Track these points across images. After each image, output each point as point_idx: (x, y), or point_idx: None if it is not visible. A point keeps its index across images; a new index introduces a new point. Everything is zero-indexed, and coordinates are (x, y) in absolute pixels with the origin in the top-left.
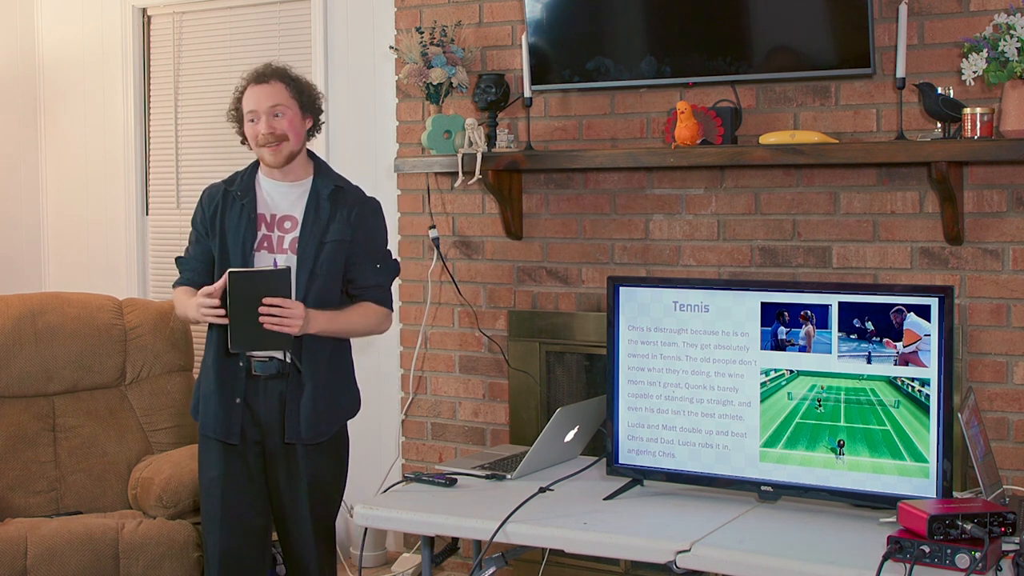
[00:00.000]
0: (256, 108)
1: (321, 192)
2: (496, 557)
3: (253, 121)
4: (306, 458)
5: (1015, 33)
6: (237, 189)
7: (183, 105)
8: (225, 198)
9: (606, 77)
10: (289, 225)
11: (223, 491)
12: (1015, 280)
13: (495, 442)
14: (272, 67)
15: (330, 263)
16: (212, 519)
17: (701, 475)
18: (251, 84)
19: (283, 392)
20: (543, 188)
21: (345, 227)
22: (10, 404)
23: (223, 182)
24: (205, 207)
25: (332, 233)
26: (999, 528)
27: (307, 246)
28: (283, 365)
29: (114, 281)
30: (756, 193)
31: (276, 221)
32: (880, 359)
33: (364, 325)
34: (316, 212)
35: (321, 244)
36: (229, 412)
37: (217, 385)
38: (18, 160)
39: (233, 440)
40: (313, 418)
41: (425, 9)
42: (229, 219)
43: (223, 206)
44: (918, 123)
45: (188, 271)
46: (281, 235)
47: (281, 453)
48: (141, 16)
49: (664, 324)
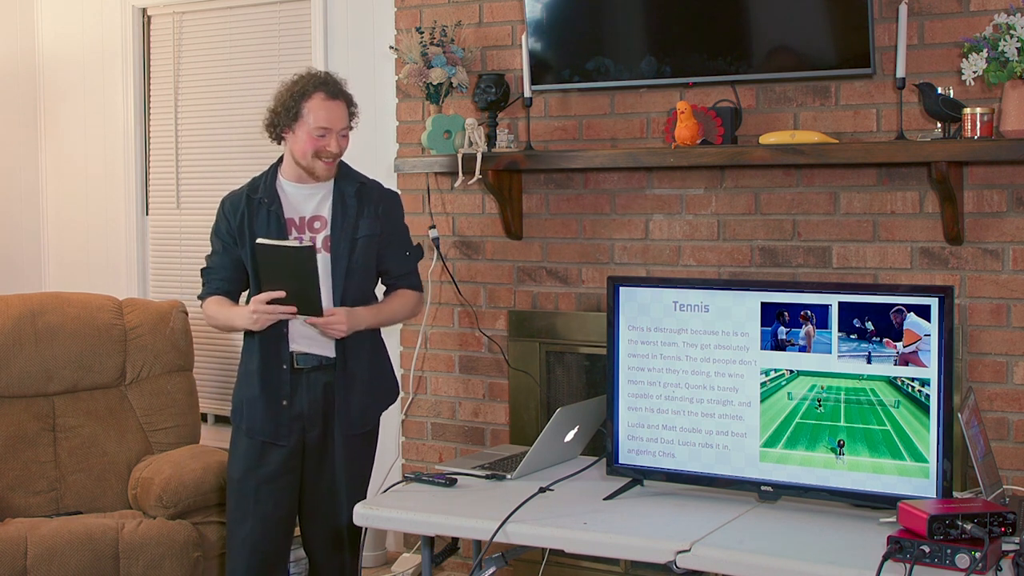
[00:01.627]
0: (331, 127)
1: (346, 191)
2: (496, 557)
3: (323, 136)
4: (344, 450)
5: (1015, 33)
6: (263, 195)
7: (183, 105)
8: (250, 204)
9: (606, 77)
10: (319, 225)
11: (256, 486)
12: (1015, 280)
13: (495, 442)
14: (339, 86)
15: (365, 258)
16: (244, 513)
17: (701, 475)
18: (325, 96)
19: (327, 384)
20: (543, 188)
21: (375, 222)
22: (10, 404)
23: (244, 189)
24: (230, 217)
25: (363, 229)
26: (999, 528)
27: (340, 243)
28: (323, 359)
29: (114, 281)
30: (756, 193)
31: (306, 223)
32: (880, 359)
33: (404, 312)
34: (344, 210)
35: (354, 240)
36: (278, 415)
37: (262, 390)
38: (18, 160)
39: (282, 442)
40: (361, 408)
41: (425, 9)
42: (258, 225)
43: (248, 213)
44: (918, 123)
45: (218, 280)
46: (312, 236)
47: (318, 445)
48: (141, 16)
49: (664, 324)
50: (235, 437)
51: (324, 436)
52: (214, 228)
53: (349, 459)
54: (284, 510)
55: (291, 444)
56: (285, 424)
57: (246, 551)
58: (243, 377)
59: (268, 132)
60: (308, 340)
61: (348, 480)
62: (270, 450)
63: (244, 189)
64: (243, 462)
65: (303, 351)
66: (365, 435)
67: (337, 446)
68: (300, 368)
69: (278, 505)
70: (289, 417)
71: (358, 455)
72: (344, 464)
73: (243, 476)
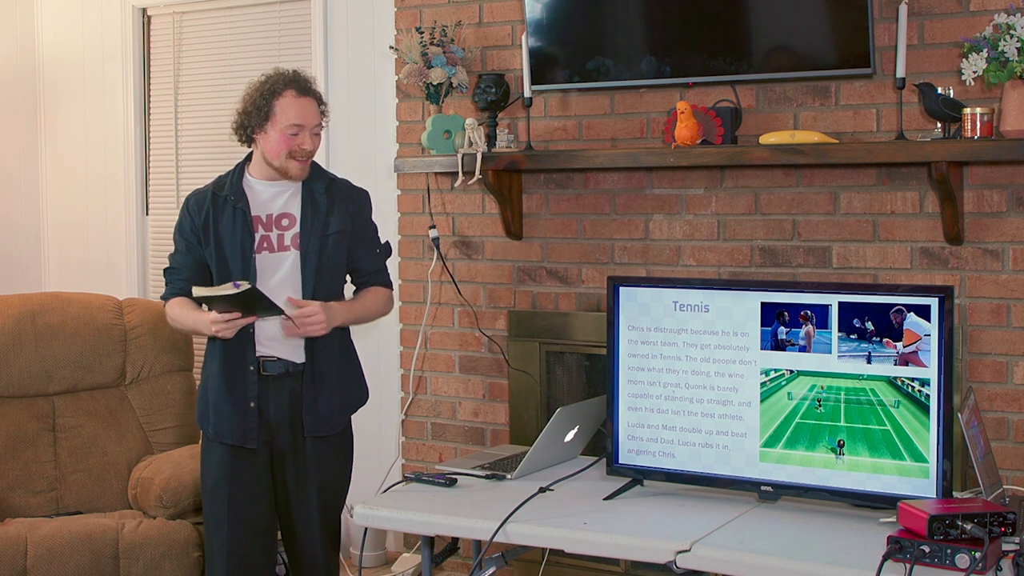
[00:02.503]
0: (303, 124)
1: (315, 188)
2: (496, 557)
3: (296, 135)
4: (315, 454)
5: (1015, 33)
6: (228, 193)
7: (183, 105)
8: (216, 202)
9: (606, 77)
10: (287, 223)
11: (230, 492)
12: (1015, 280)
13: (495, 442)
14: (308, 82)
15: (335, 255)
16: (219, 521)
17: (701, 475)
18: (296, 94)
19: (293, 389)
20: (543, 188)
21: (345, 218)
22: (10, 404)
23: (209, 187)
24: (194, 215)
25: (333, 225)
26: (999, 528)
27: (310, 240)
28: (290, 364)
29: (114, 281)
30: (756, 193)
31: (273, 220)
32: (880, 359)
33: (377, 309)
34: (314, 207)
35: (324, 237)
36: (244, 417)
37: (228, 392)
38: (18, 160)
39: (251, 444)
40: (328, 409)
41: (425, 9)
42: (223, 224)
43: (213, 211)
44: (918, 123)
45: (181, 280)
46: (280, 233)
47: (289, 451)
48: (141, 16)
49: (664, 324)
50: (205, 445)
51: (294, 441)
52: (177, 226)
53: (321, 463)
54: (260, 517)
55: (260, 449)
56: (253, 428)
57: (223, 560)
58: (207, 379)
59: (237, 134)
60: (275, 343)
61: (321, 485)
62: (240, 456)
63: (210, 187)
64: (215, 471)
65: (270, 355)
66: (336, 438)
67: (308, 450)
68: (267, 375)
69: (253, 512)
70: (257, 421)
71: (331, 459)
72: (317, 468)
73: (215, 485)
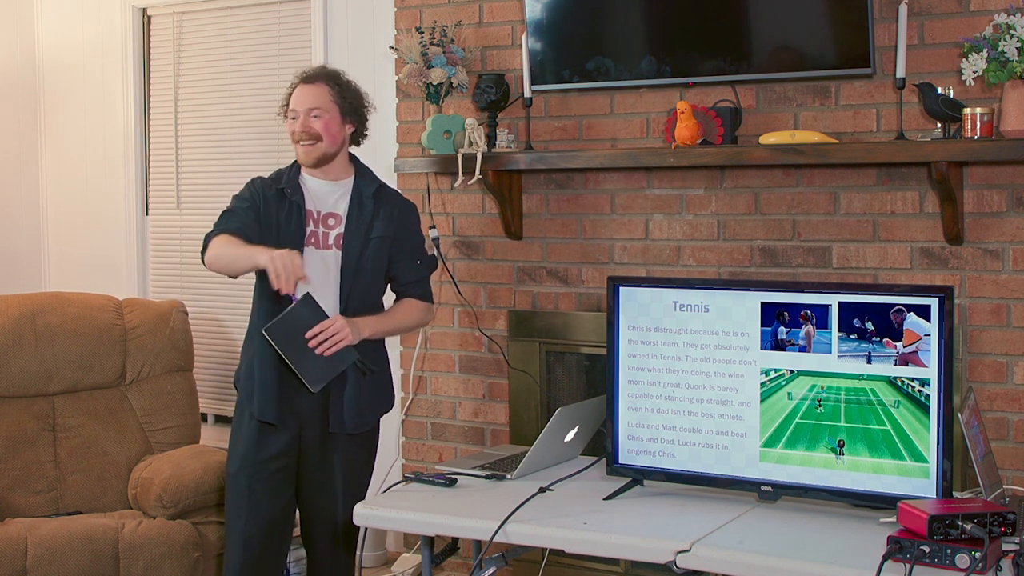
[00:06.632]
0: (297, 107)
1: (364, 191)
2: (496, 557)
3: (294, 119)
4: (342, 450)
5: (1015, 33)
6: (286, 186)
7: (183, 105)
8: (274, 192)
9: (606, 77)
10: (333, 222)
11: (249, 481)
12: (1015, 280)
13: (495, 442)
14: (323, 70)
15: (375, 258)
16: (237, 507)
17: (701, 475)
18: (300, 83)
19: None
20: (543, 188)
21: (389, 224)
22: (10, 404)
23: (270, 178)
24: (258, 194)
25: (376, 230)
26: (999, 528)
27: (352, 242)
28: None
29: (114, 281)
30: (756, 193)
31: (321, 217)
32: (880, 359)
33: (410, 321)
34: (360, 209)
35: (367, 240)
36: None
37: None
38: (18, 160)
39: (284, 425)
40: (356, 409)
41: (425, 9)
42: (280, 214)
43: (273, 199)
44: (918, 123)
45: (237, 222)
46: (326, 231)
47: (317, 444)
48: (141, 16)
49: (664, 324)
50: (238, 418)
51: (321, 436)
52: (238, 194)
53: (346, 459)
54: (279, 507)
55: (288, 437)
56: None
57: (240, 547)
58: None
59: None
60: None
61: (345, 480)
62: (269, 437)
63: (270, 178)
64: (242, 446)
65: None
66: (363, 436)
67: (335, 446)
68: None
69: (272, 501)
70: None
71: (356, 456)
72: (342, 464)
73: (239, 469)
